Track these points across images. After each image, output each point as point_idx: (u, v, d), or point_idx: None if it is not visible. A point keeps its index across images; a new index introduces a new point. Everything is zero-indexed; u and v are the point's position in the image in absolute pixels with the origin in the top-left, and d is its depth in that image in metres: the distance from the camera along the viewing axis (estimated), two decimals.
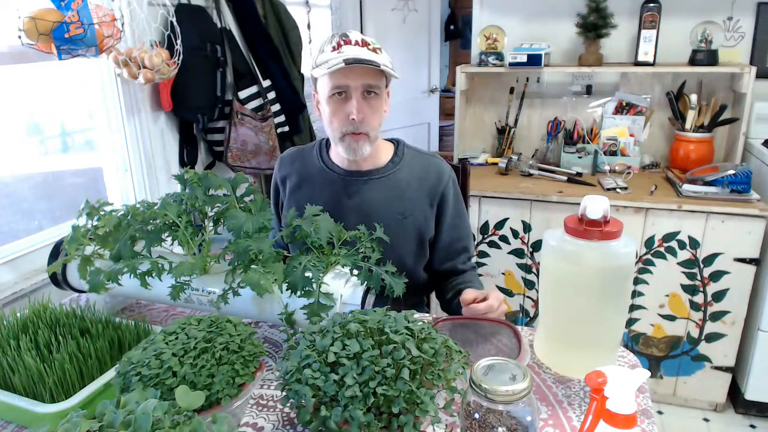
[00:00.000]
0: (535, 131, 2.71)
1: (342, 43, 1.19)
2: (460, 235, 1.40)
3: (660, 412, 2.27)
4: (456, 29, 5.77)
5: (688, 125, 2.32)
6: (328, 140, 1.38)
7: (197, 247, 1.06)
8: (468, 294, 1.16)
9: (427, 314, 1.28)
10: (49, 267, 1.16)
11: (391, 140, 1.40)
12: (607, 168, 2.42)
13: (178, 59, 1.77)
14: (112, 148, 1.85)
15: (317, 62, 1.22)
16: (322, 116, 1.28)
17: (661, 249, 2.11)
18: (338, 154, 1.32)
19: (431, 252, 1.39)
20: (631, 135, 2.46)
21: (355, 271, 1.04)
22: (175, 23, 1.78)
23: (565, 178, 2.35)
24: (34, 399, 0.86)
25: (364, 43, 1.20)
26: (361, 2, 3.28)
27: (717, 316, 2.11)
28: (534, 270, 2.32)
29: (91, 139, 1.88)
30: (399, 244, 1.31)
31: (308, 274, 0.98)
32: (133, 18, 1.73)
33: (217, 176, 1.09)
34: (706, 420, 2.23)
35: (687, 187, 2.11)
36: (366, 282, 1.01)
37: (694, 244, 2.07)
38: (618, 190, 2.18)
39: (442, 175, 1.36)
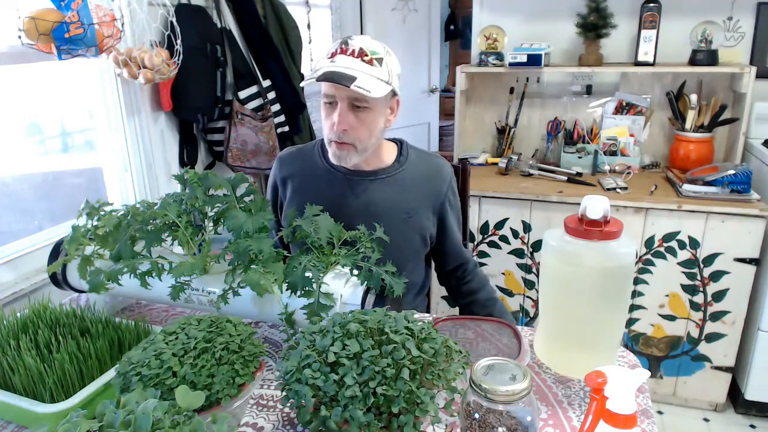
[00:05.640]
0: (535, 131, 2.71)
1: (338, 51, 1.19)
2: (458, 233, 1.44)
3: (660, 412, 2.27)
4: (456, 29, 5.77)
5: (688, 125, 2.32)
6: None
7: (197, 247, 1.06)
8: None
9: (427, 314, 1.28)
10: (49, 267, 1.16)
11: (393, 140, 1.40)
12: (607, 168, 2.42)
13: (178, 59, 1.77)
14: (112, 148, 1.85)
15: (314, 66, 1.23)
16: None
17: (661, 249, 2.11)
18: None
19: (442, 249, 1.42)
20: (631, 135, 2.46)
21: (355, 271, 1.04)
22: (175, 23, 1.78)
23: (565, 178, 2.35)
24: (34, 399, 0.86)
25: (361, 54, 1.18)
26: (361, 2, 3.28)
27: (717, 316, 2.11)
28: (534, 270, 2.32)
29: (91, 139, 1.88)
30: (404, 243, 1.32)
31: (308, 274, 0.98)
32: (133, 18, 1.73)
33: (217, 176, 1.09)
34: (706, 420, 2.23)
35: (687, 187, 2.11)
36: (366, 282, 1.01)
37: (694, 244, 2.07)
38: (618, 190, 2.18)
39: (445, 175, 1.38)
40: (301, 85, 1.22)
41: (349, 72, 1.15)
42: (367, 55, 1.19)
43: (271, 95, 2.23)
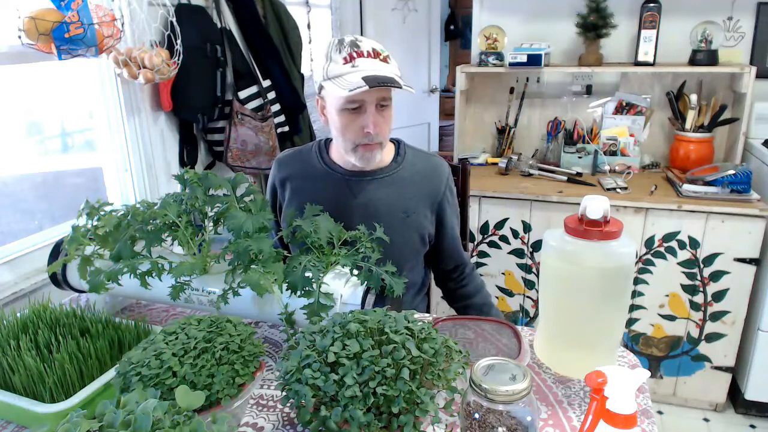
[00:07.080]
0: (535, 131, 2.71)
1: (354, 54, 1.17)
2: (457, 233, 1.44)
3: (660, 412, 2.27)
4: (456, 29, 5.77)
5: (688, 125, 2.32)
6: (326, 141, 1.39)
7: (197, 247, 1.06)
8: None
9: (427, 314, 1.28)
10: (49, 267, 1.16)
11: (391, 140, 1.40)
12: (607, 168, 2.42)
13: (178, 59, 1.77)
14: (112, 148, 1.85)
15: (329, 74, 1.19)
16: (331, 124, 1.27)
17: (661, 249, 2.11)
18: (341, 155, 1.32)
19: (439, 248, 1.41)
20: (631, 135, 2.46)
21: (355, 271, 1.04)
22: (175, 23, 1.78)
23: (565, 178, 2.35)
24: (34, 399, 0.86)
25: (376, 54, 1.18)
26: (361, 2, 3.28)
27: (717, 316, 2.11)
28: (534, 270, 2.32)
29: (91, 139, 1.88)
30: (403, 242, 1.32)
31: (308, 274, 0.98)
32: (133, 18, 1.73)
33: (217, 176, 1.09)
34: (706, 420, 2.23)
35: (687, 187, 2.11)
36: (366, 282, 1.01)
37: (694, 244, 2.07)
38: (618, 190, 2.18)
39: (443, 174, 1.38)
40: (349, 94, 1.13)
41: (385, 74, 1.16)
42: (380, 55, 1.19)
43: (271, 95, 2.23)
